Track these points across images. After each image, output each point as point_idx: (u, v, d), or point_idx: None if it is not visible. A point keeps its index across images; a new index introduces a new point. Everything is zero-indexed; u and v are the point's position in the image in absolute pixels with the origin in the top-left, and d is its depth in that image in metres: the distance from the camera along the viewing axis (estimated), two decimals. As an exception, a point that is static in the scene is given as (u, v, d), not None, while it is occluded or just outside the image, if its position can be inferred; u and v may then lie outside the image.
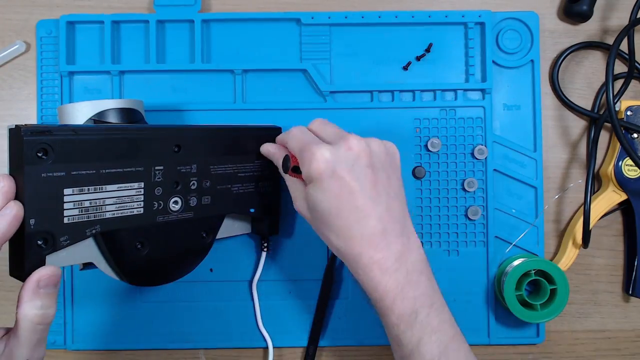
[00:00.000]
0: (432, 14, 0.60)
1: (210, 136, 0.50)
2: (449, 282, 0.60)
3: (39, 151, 0.39)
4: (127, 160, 0.44)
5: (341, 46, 0.61)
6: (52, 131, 0.40)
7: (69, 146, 0.41)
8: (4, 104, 0.61)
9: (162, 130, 0.47)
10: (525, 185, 0.60)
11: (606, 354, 0.62)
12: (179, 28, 0.60)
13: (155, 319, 0.60)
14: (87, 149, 0.42)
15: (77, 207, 0.42)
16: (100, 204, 0.43)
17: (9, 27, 0.61)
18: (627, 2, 0.62)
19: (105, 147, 0.43)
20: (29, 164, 0.39)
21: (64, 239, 0.41)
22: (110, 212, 0.44)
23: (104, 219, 0.43)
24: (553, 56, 0.62)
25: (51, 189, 0.40)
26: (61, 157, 0.40)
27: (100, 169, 0.43)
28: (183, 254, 0.50)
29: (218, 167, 0.51)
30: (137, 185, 0.45)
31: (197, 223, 0.50)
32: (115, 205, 0.44)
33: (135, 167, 0.45)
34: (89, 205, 0.42)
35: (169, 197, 0.47)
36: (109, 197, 0.44)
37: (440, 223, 0.60)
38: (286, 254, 0.60)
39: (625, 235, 0.62)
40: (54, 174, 0.40)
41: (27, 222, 0.39)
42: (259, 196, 0.55)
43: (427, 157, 0.60)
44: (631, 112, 0.60)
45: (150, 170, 0.46)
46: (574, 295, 0.61)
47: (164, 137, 0.47)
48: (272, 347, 0.59)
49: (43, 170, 0.40)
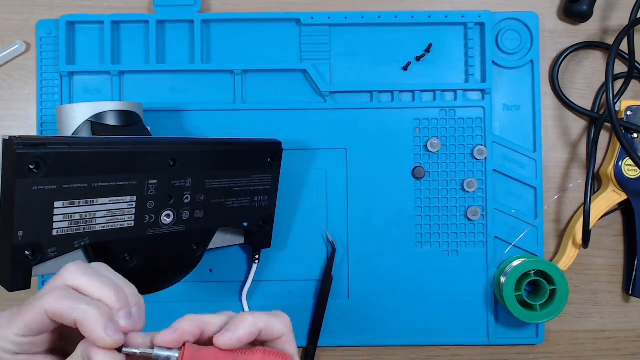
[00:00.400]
0: (432, 14, 0.60)
1: (207, 151, 0.49)
2: (449, 283, 0.60)
3: (31, 164, 0.39)
4: (120, 174, 0.43)
5: (341, 46, 0.61)
6: (46, 144, 0.39)
7: (62, 160, 0.40)
8: (4, 104, 0.61)
9: (158, 145, 0.46)
10: (525, 185, 0.60)
11: (606, 354, 0.62)
12: (178, 28, 0.60)
13: (155, 319, 0.59)
14: (81, 163, 0.41)
15: (67, 219, 0.41)
16: (91, 216, 0.43)
17: (9, 27, 0.61)
18: (627, 2, 0.62)
19: (99, 161, 0.42)
20: (21, 177, 0.38)
21: (52, 250, 0.41)
22: (100, 225, 0.43)
23: (93, 231, 0.43)
24: (553, 56, 0.62)
25: (42, 202, 0.40)
26: (53, 170, 0.40)
27: (93, 183, 0.42)
28: (172, 266, 0.49)
29: (213, 182, 0.49)
30: (130, 198, 0.44)
31: (188, 236, 0.49)
32: (105, 218, 0.43)
33: (128, 181, 0.44)
34: (79, 217, 0.42)
35: (161, 210, 0.47)
36: (99, 210, 0.43)
37: (439, 223, 0.60)
38: (281, 257, 0.60)
39: (625, 235, 0.62)
40: (45, 187, 0.40)
41: (15, 234, 0.39)
42: (254, 210, 0.54)
43: (427, 158, 0.60)
44: (631, 112, 0.59)
45: (144, 184, 0.45)
46: (574, 295, 0.61)
47: (160, 152, 0.45)
48: None
49: (34, 183, 0.39)
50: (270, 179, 0.54)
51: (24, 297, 0.52)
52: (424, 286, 0.60)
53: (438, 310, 0.60)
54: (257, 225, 0.55)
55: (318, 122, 0.60)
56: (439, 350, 0.61)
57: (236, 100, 0.60)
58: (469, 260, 0.60)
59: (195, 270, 0.52)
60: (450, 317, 0.60)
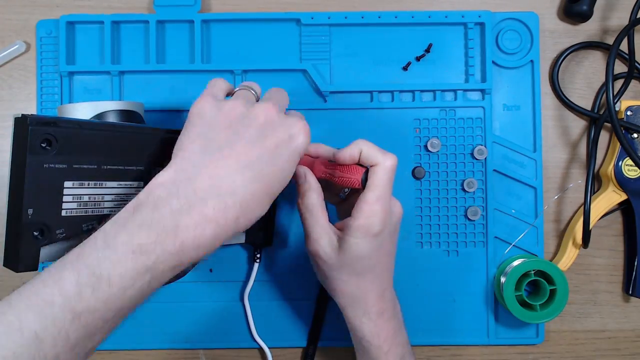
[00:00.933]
0: (432, 14, 0.60)
1: None
2: (449, 283, 0.60)
3: (43, 141, 0.39)
4: (128, 159, 0.44)
5: (341, 46, 0.61)
6: (58, 123, 0.40)
7: (73, 139, 0.41)
8: (4, 104, 0.61)
9: (164, 132, 0.47)
10: (525, 185, 0.60)
11: (606, 354, 0.62)
12: (178, 28, 0.60)
13: (155, 319, 0.60)
14: (91, 144, 0.42)
15: (76, 200, 0.42)
16: (99, 199, 0.43)
17: (9, 27, 0.61)
18: (627, 2, 0.62)
19: (108, 144, 0.43)
20: (32, 154, 0.39)
21: (60, 232, 0.41)
22: (108, 209, 0.44)
23: (101, 215, 0.43)
24: (553, 56, 0.62)
25: (52, 181, 0.40)
26: (64, 149, 0.41)
27: (102, 165, 0.43)
28: None
29: None
30: (137, 184, 0.45)
31: None
32: (113, 202, 0.44)
33: (136, 166, 0.45)
34: (87, 200, 0.43)
35: None
36: (108, 194, 0.44)
37: (439, 223, 0.60)
38: (281, 257, 0.60)
39: (625, 235, 0.62)
40: (56, 165, 0.40)
41: (25, 212, 0.39)
42: None
43: (427, 158, 0.60)
44: (631, 112, 0.60)
45: (151, 171, 0.46)
46: (574, 295, 0.61)
47: (166, 139, 0.47)
48: (270, 354, 0.59)
49: (45, 160, 0.40)
50: None
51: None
52: (424, 286, 0.60)
53: (438, 310, 0.60)
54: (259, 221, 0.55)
55: (318, 122, 0.60)
56: (439, 350, 0.61)
57: (236, 100, 0.60)
58: (469, 260, 0.60)
59: (196, 270, 0.52)
60: (450, 317, 0.60)
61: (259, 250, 0.58)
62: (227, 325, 0.60)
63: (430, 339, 0.60)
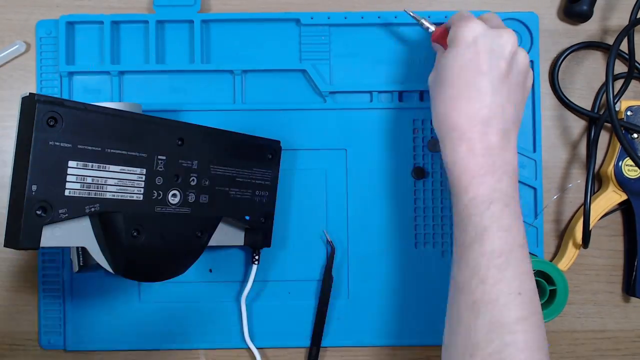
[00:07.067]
0: (432, 15, 0.60)
1: (212, 135, 0.51)
2: (448, 283, 0.59)
3: (50, 119, 0.40)
4: (132, 144, 0.45)
5: (340, 46, 0.61)
6: (64, 103, 0.41)
7: (78, 119, 0.42)
8: (4, 104, 0.61)
9: (167, 121, 0.48)
10: (525, 185, 0.60)
11: (606, 354, 0.62)
12: (178, 28, 0.60)
13: (155, 319, 0.60)
14: (96, 125, 0.43)
15: (80, 181, 0.42)
16: (102, 182, 0.44)
17: (9, 27, 0.61)
18: (627, 2, 0.62)
19: (113, 127, 0.44)
20: (38, 130, 0.40)
21: (63, 211, 0.42)
22: (111, 193, 0.44)
23: (104, 198, 0.44)
24: (553, 56, 0.62)
25: (56, 159, 0.41)
26: (70, 128, 0.41)
27: (106, 148, 0.44)
28: (176, 250, 0.50)
29: (218, 168, 0.51)
30: (139, 170, 0.46)
31: (193, 221, 0.50)
32: (116, 187, 0.45)
33: (139, 152, 0.46)
34: (91, 181, 0.43)
35: (168, 188, 0.48)
36: (111, 178, 0.44)
37: (440, 224, 0.60)
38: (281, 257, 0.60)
39: (625, 235, 0.62)
40: (61, 144, 0.41)
41: (29, 187, 0.40)
42: (255, 205, 0.55)
43: (427, 158, 0.60)
44: (631, 112, 0.59)
45: (153, 158, 0.47)
46: (574, 295, 0.61)
47: (168, 128, 0.48)
48: (259, 357, 0.59)
49: (51, 138, 0.40)
50: (270, 176, 0.56)
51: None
52: (424, 286, 0.60)
53: (438, 310, 0.60)
54: (257, 220, 0.56)
55: (318, 122, 0.60)
56: (439, 351, 0.61)
57: (236, 100, 0.60)
58: (469, 261, 0.60)
59: (195, 270, 0.52)
60: (450, 317, 0.60)
61: (258, 252, 0.58)
62: (227, 325, 0.60)
63: (430, 339, 0.60)
